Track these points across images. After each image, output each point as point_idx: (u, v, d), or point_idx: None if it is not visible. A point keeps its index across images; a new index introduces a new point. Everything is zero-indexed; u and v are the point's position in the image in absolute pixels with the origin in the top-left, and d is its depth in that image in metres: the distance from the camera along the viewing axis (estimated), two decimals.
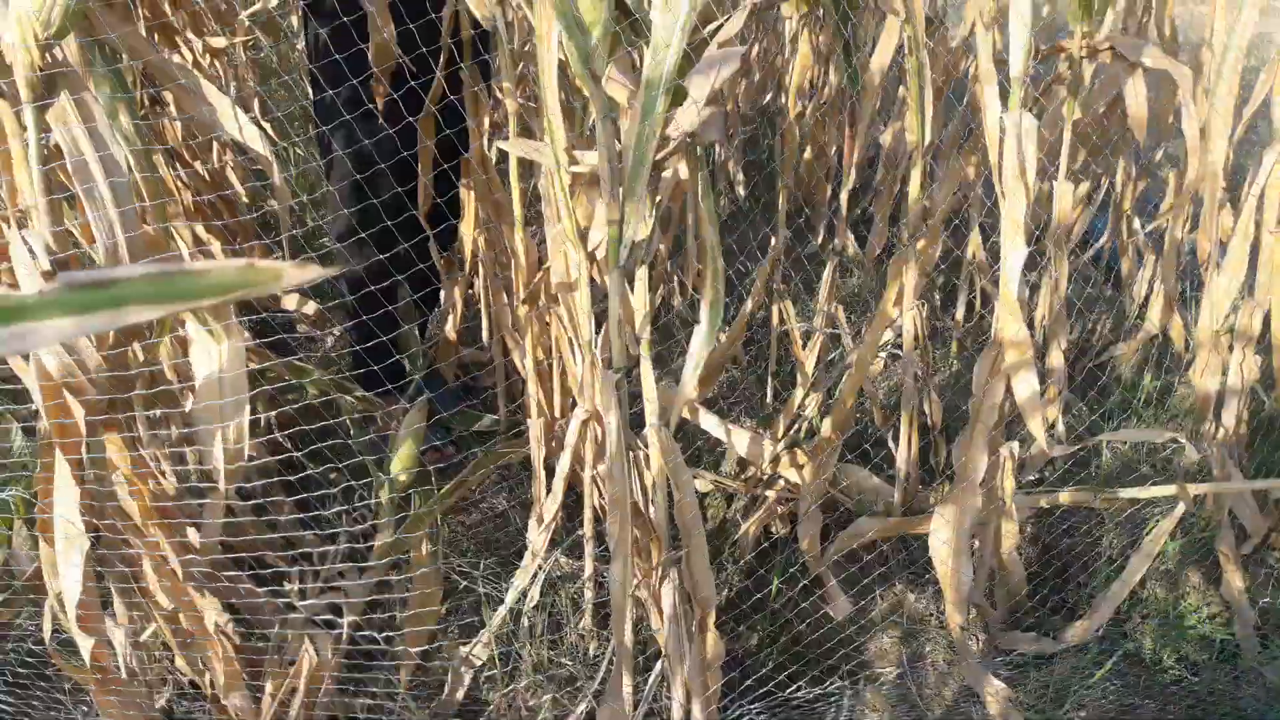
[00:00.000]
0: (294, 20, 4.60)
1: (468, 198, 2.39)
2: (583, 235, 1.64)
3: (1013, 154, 1.69)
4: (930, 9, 2.22)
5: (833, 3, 2.12)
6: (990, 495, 2.04)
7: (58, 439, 1.42)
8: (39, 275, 1.37)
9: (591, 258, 1.68)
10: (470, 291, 2.83)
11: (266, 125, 3.77)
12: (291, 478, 2.27)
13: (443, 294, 2.74)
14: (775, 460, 2.44)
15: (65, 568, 1.43)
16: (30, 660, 1.92)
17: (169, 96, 2.38)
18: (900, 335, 2.27)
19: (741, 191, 3.83)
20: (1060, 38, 2.20)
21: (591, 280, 1.86)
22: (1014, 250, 1.70)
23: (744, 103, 3.57)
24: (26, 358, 1.40)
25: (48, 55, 1.33)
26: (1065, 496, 2.17)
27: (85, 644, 1.46)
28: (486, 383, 2.83)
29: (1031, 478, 2.57)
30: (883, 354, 2.59)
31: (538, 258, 2.08)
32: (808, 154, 3.15)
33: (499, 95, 2.20)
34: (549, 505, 1.92)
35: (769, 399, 2.91)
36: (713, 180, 4.05)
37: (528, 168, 2.57)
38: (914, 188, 1.93)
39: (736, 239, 3.46)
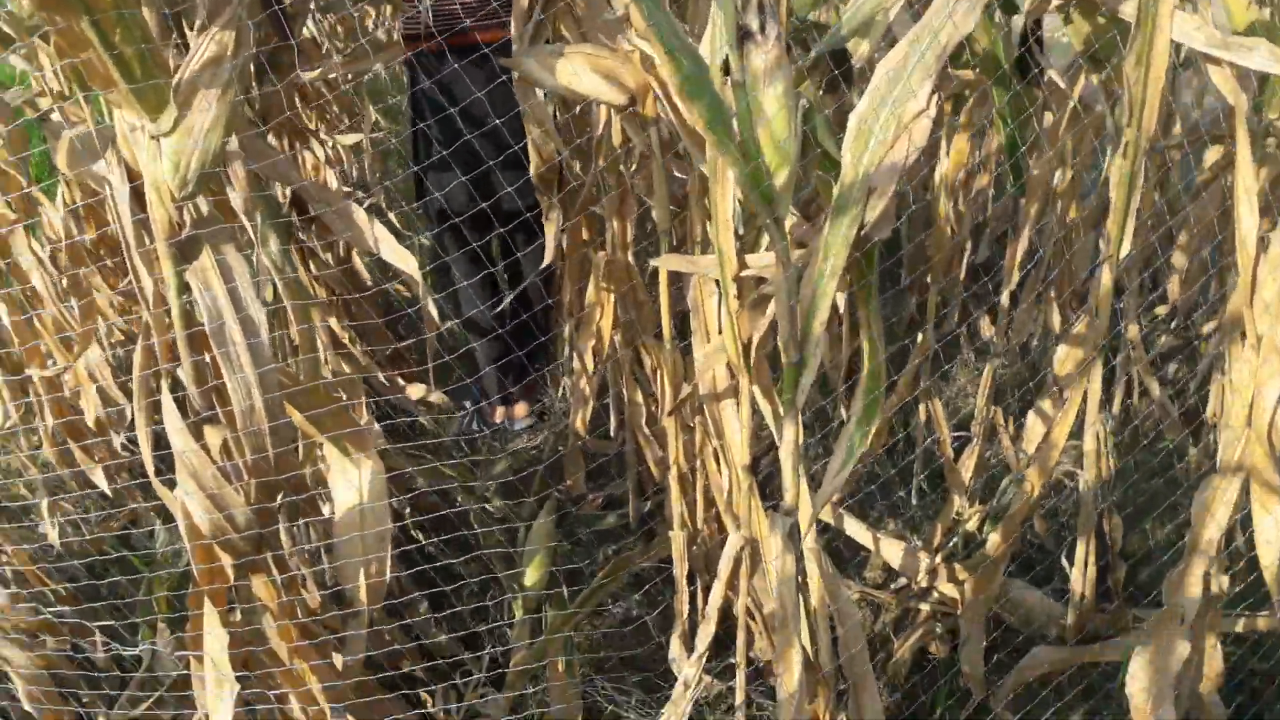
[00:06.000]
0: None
1: (606, 298, 2.33)
2: (745, 352, 1.55)
3: (1276, 273, 1.54)
4: None
5: (1006, 92, 1.99)
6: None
7: (205, 586, 1.39)
8: (185, 429, 1.34)
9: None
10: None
11: (393, 216, 3.83)
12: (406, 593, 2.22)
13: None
14: (932, 573, 2.28)
15: (217, 712, 1.39)
16: None
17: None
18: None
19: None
20: None
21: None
22: (1271, 378, 1.54)
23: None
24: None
25: (187, 211, 1.30)
26: (1264, 622, 1.96)
27: None
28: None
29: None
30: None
31: (683, 371, 1.99)
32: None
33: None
34: (702, 635, 1.80)
35: (912, 500, 2.75)
36: None
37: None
38: (1104, 295, 1.77)
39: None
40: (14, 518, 2.33)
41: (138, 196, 1.26)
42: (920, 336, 2.50)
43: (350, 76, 3.28)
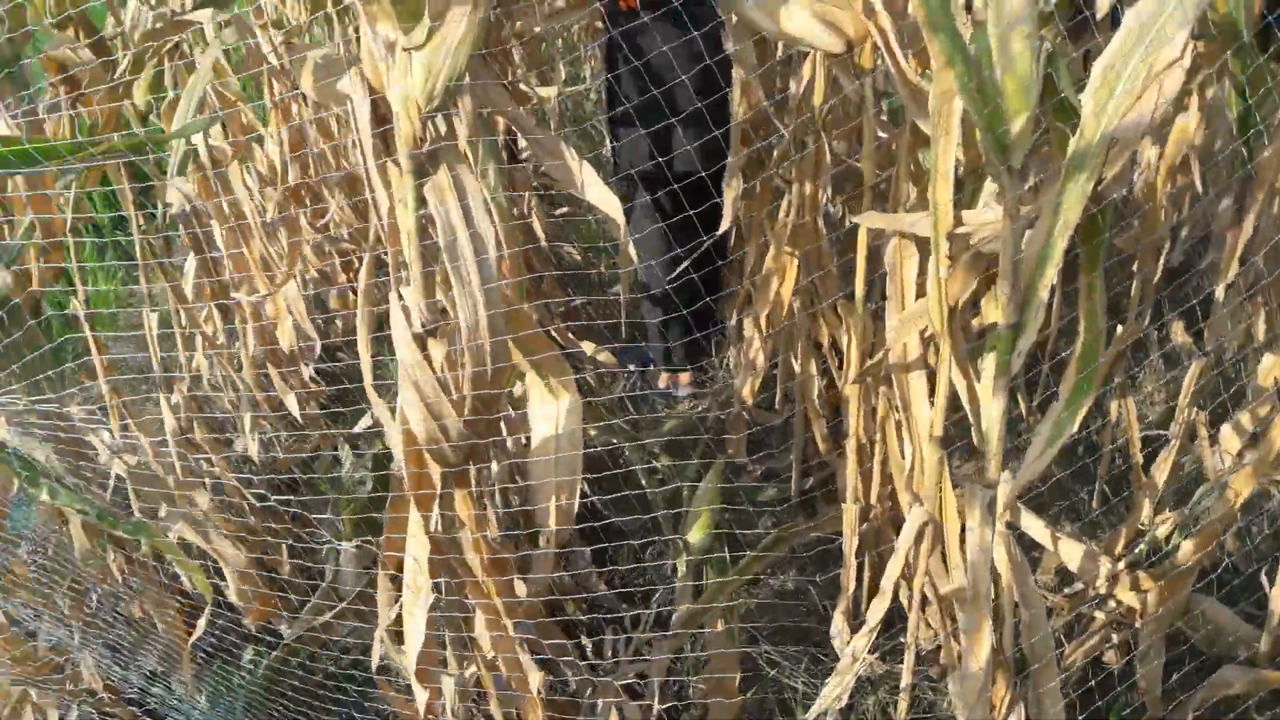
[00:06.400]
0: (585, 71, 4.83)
1: (789, 262, 2.30)
2: (950, 319, 1.50)
3: None
4: None
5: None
6: None
7: (413, 492, 1.44)
8: (411, 340, 1.40)
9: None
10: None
11: None
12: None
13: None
14: (1112, 580, 2.17)
15: (411, 619, 1.45)
16: (346, 676, 1.97)
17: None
18: None
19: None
20: None
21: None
22: None
23: None
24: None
25: (428, 127, 1.34)
26: None
27: (421, 695, 1.47)
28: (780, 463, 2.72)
29: None
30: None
31: (872, 338, 1.95)
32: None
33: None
34: (875, 608, 1.76)
35: (1093, 504, 2.61)
36: None
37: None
38: None
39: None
40: (216, 430, 2.49)
41: (376, 113, 1.32)
42: (1118, 329, 2.37)
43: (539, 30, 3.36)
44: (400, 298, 1.34)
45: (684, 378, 3.07)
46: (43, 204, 1.53)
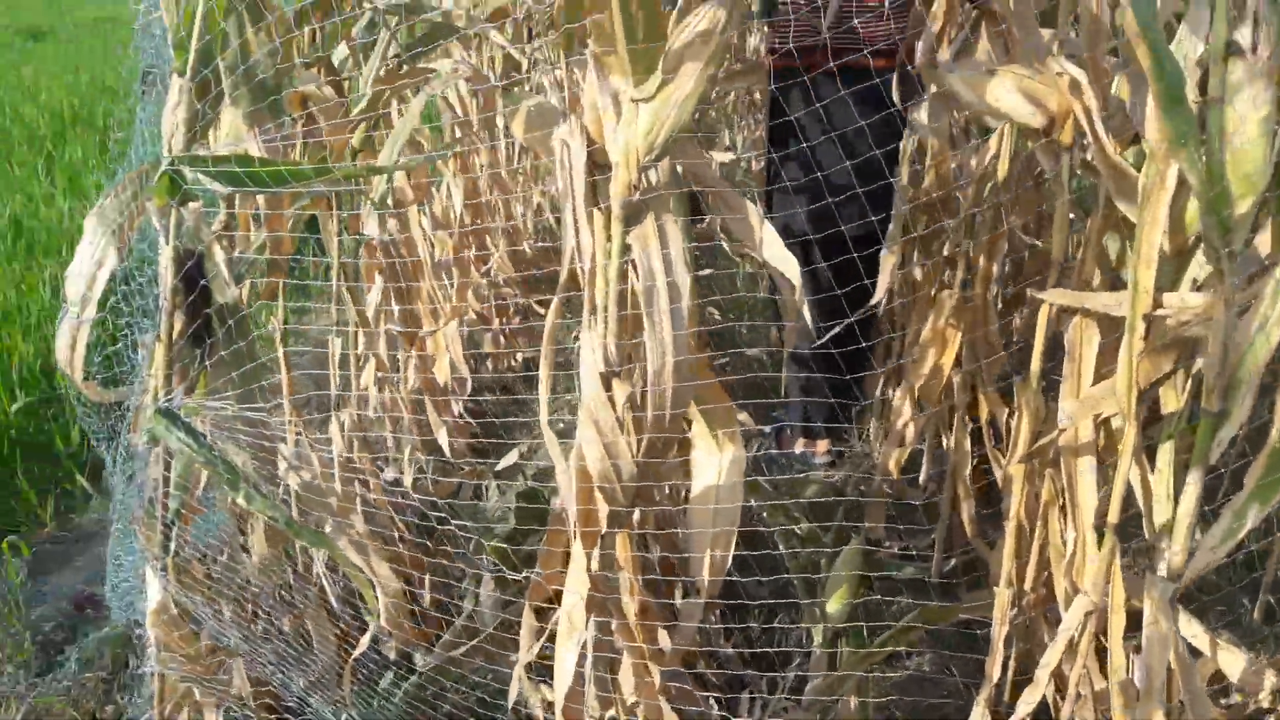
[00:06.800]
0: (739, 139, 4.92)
1: (953, 335, 2.27)
2: (1138, 403, 1.46)
3: None
4: None
5: None
6: None
7: (580, 529, 1.47)
8: (596, 375, 1.44)
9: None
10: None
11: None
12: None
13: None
14: (1275, 695, 2.03)
15: (564, 655, 1.46)
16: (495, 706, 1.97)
17: None
18: None
19: None
20: None
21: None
22: None
23: None
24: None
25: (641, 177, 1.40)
26: None
27: None
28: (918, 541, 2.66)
29: None
30: None
31: (1043, 417, 1.90)
32: None
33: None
34: (1028, 697, 1.70)
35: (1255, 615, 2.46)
36: None
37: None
38: None
39: None
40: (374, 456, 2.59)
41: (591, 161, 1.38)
42: None
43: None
44: (591, 338, 1.38)
45: (821, 445, 3.05)
46: (276, 223, 1.65)
